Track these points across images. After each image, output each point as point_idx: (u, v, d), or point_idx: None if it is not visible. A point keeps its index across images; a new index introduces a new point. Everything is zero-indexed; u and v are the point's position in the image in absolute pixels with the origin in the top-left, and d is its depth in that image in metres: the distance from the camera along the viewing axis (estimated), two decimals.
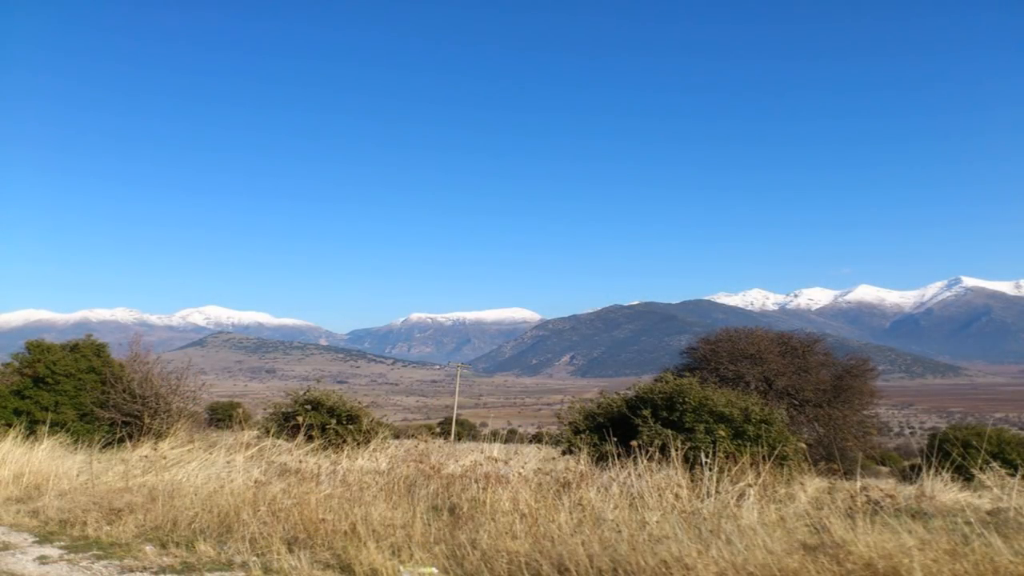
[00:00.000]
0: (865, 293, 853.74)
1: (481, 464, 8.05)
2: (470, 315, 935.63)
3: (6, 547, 6.56)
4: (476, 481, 7.40)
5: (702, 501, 6.54)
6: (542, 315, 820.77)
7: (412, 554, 5.71)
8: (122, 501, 7.81)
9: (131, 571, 5.79)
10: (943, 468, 9.36)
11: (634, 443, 7.88)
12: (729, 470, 7.05)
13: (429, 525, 6.30)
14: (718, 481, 6.84)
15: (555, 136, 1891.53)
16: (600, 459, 9.61)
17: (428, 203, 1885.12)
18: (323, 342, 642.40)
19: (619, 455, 8.35)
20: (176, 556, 6.11)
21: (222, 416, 32.74)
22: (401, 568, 5.42)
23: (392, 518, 6.45)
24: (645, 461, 7.44)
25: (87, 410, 16.19)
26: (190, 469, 9.51)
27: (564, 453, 11.29)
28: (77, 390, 16.44)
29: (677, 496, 6.57)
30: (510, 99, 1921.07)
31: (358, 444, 13.25)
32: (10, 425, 13.83)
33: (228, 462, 9.71)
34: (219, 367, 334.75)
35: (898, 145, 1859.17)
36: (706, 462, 7.10)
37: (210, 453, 10.96)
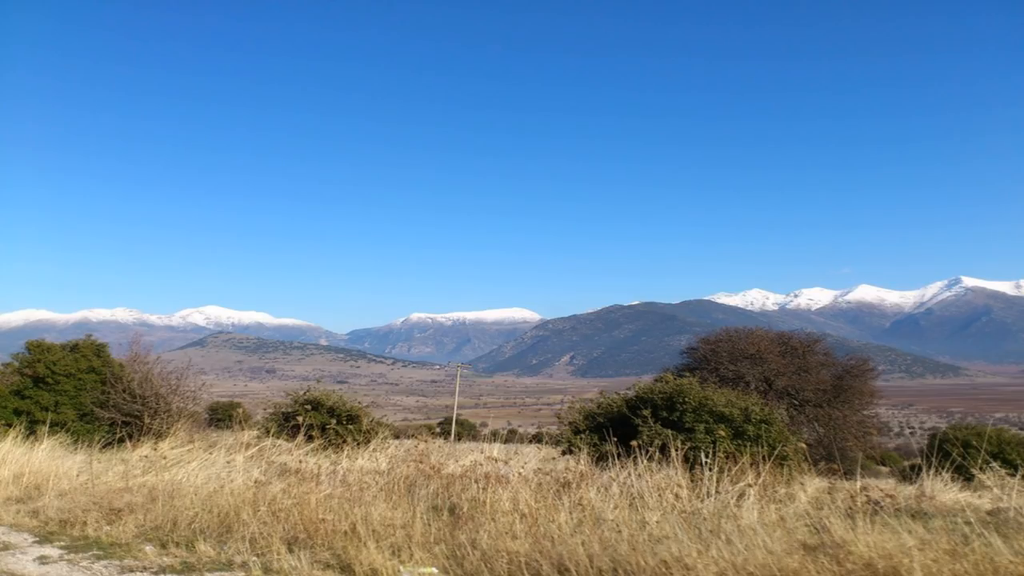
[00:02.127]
0: (865, 293, 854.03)
1: (481, 464, 8.05)
2: (470, 315, 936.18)
3: (6, 547, 6.55)
4: (476, 481, 7.40)
5: (702, 501, 6.54)
6: (542, 315, 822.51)
7: (412, 554, 5.71)
8: (122, 501, 7.81)
9: (131, 571, 5.78)
10: (943, 468, 9.37)
11: (634, 443, 7.88)
12: (729, 470, 7.05)
13: (429, 525, 6.29)
14: (718, 481, 6.84)
15: (555, 136, 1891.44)
16: (600, 459, 9.61)
17: (428, 203, 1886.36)
18: (323, 342, 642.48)
19: (619, 455, 8.34)
20: (176, 556, 6.10)
21: (222, 416, 32.71)
22: (401, 568, 5.41)
23: (392, 518, 6.44)
24: (645, 461, 7.44)
25: (87, 410, 16.20)
26: (190, 469, 9.51)
27: (564, 453, 11.29)
28: (77, 390, 16.45)
29: (677, 496, 6.57)
30: (510, 99, 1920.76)
31: (358, 444, 13.24)
32: (10, 425, 13.84)
33: (228, 462, 9.71)
34: (219, 367, 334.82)
35: (898, 145, 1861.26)
36: (706, 462, 7.11)
37: (210, 453, 10.95)
